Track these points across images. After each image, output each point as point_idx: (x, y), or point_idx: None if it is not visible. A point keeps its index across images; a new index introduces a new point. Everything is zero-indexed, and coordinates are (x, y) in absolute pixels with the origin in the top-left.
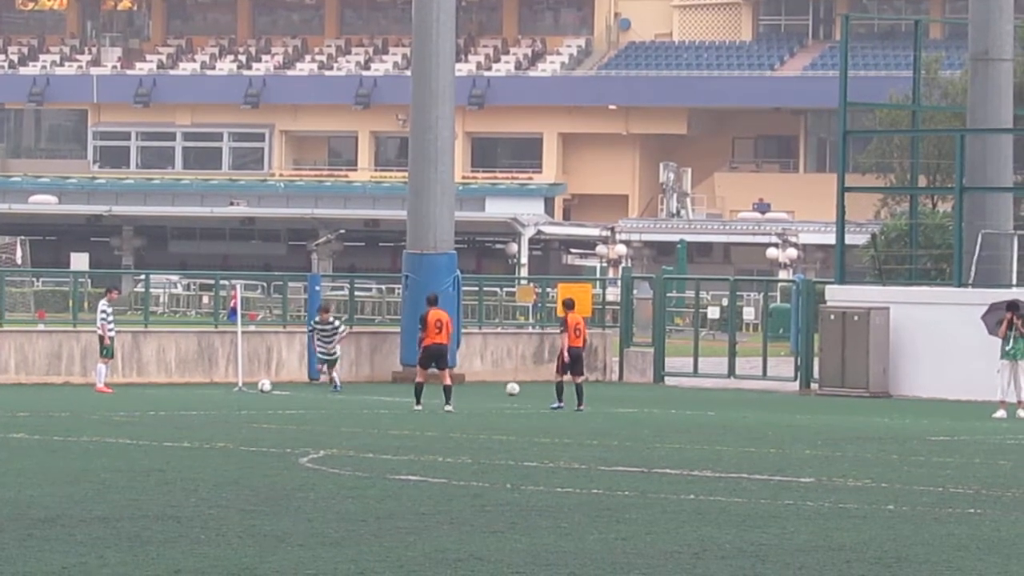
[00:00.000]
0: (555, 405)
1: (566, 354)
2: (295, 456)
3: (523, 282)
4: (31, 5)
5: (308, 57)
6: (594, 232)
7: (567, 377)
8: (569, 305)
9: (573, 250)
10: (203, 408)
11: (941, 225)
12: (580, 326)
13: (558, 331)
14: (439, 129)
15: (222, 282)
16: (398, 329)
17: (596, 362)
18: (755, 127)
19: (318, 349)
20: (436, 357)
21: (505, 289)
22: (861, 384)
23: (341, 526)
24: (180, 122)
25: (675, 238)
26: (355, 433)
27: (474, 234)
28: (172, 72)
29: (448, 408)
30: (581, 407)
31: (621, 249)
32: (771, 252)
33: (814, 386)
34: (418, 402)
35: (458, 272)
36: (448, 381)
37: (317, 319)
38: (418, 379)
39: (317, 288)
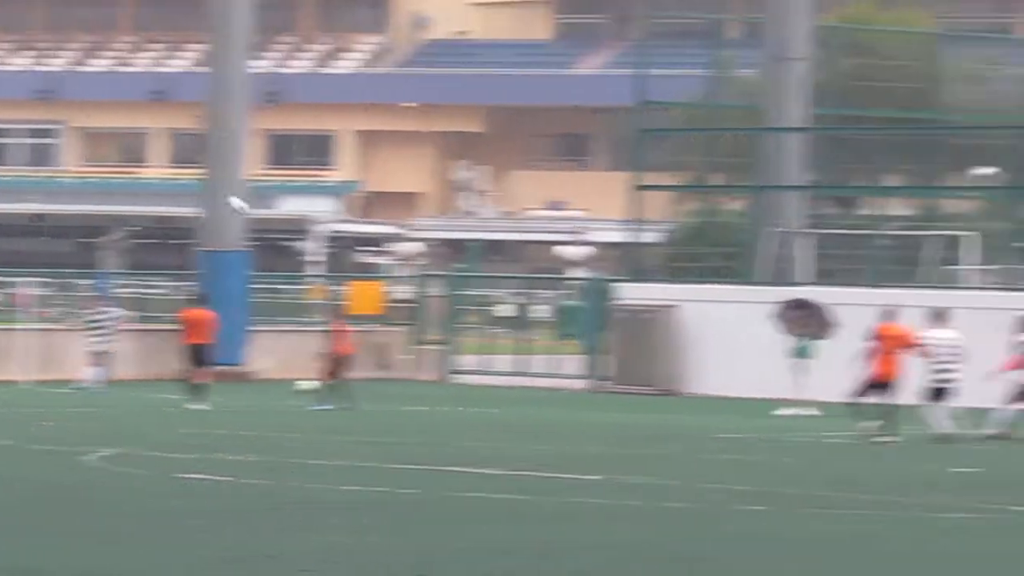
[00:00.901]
0: (323, 407)
1: (331, 357)
2: (82, 454)
3: (315, 280)
4: None
5: (104, 53)
6: (389, 230)
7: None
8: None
9: (367, 248)
10: None
11: (733, 223)
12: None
13: (327, 333)
14: (234, 126)
15: (11, 279)
16: None
17: (387, 360)
18: (552, 125)
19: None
20: (195, 356)
21: (297, 287)
22: (651, 382)
23: (129, 525)
24: None
25: (469, 236)
26: (143, 431)
27: (267, 231)
28: None
29: (189, 405)
30: (337, 407)
31: (416, 247)
32: (564, 250)
33: (605, 384)
34: (203, 401)
35: (250, 270)
36: (199, 380)
37: (88, 314)
38: (195, 380)
39: (106, 286)
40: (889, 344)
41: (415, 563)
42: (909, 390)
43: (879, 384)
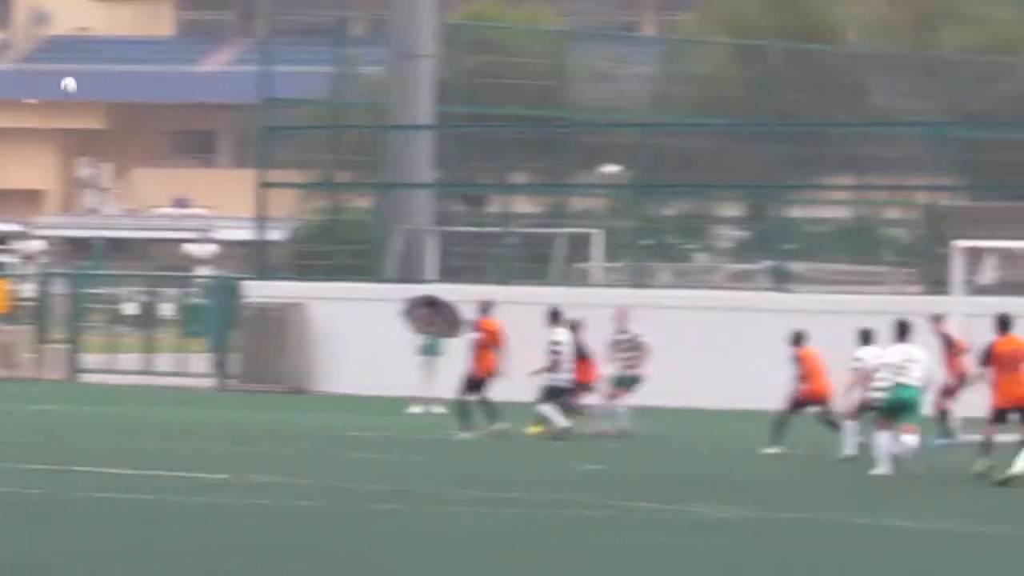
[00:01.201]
0: None
1: None
2: None
3: None
4: None
5: None
6: (12, 227)
7: None
8: None
9: None
10: None
11: (360, 221)
12: None
13: None
14: None
15: None
16: None
17: (11, 359)
18: (176, 122)
19: None
20: None
21: None
22: (280, 380)
23: None
24: None
25: (93, 234)
26: None
27: None
28: None
29: None
30: None
31: (39, 245)
32: (190, 248)
33: (232, 382)
34: None
35: None
36: None
37: None
38: None
39: None
40: (485, 339)
41: (39, 564)
42: (527, 388)
43: (477, 380)
